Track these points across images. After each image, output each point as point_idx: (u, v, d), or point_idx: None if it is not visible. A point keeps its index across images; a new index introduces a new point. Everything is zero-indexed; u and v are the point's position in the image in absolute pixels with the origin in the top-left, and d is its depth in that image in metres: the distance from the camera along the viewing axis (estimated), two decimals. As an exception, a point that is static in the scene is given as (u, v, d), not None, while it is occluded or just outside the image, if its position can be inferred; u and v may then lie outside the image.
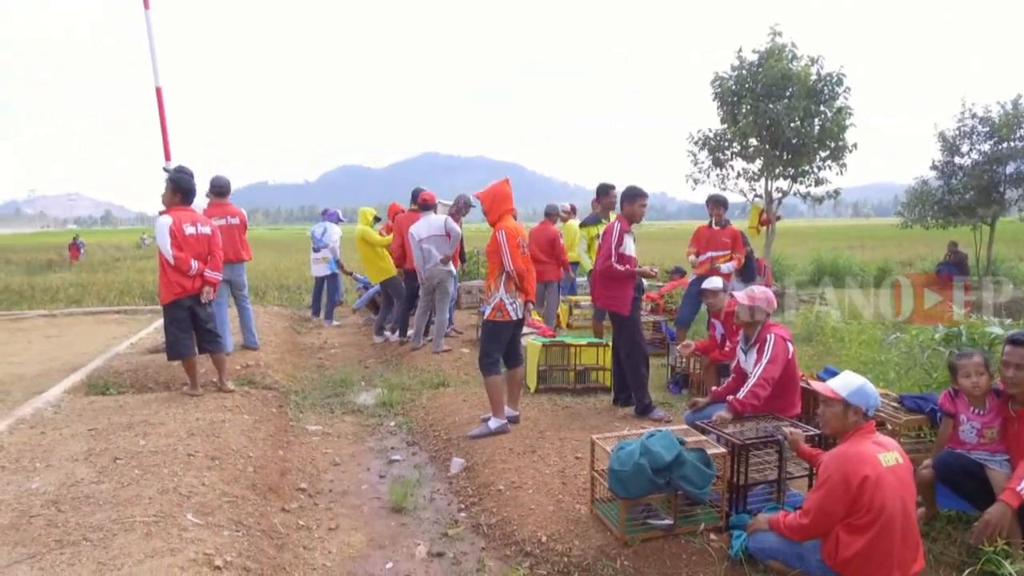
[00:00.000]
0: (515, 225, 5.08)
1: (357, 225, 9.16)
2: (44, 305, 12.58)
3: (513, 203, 5.20)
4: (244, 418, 5.22)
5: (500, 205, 5.07)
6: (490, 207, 5.08)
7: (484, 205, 5.13)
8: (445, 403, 6.01)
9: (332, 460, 4.96)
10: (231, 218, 7.03)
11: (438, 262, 7.75)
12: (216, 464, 4.15)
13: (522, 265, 4.99)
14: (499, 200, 5.07)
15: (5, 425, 4.83)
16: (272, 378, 6.69)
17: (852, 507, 2.70)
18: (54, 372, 6.76)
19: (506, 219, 5.04)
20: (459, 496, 4.31)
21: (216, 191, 7.13)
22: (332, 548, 3.62)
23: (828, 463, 2.81)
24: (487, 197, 5.10)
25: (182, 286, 5.53)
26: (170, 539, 3.11)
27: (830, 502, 2.74)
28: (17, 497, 3.56)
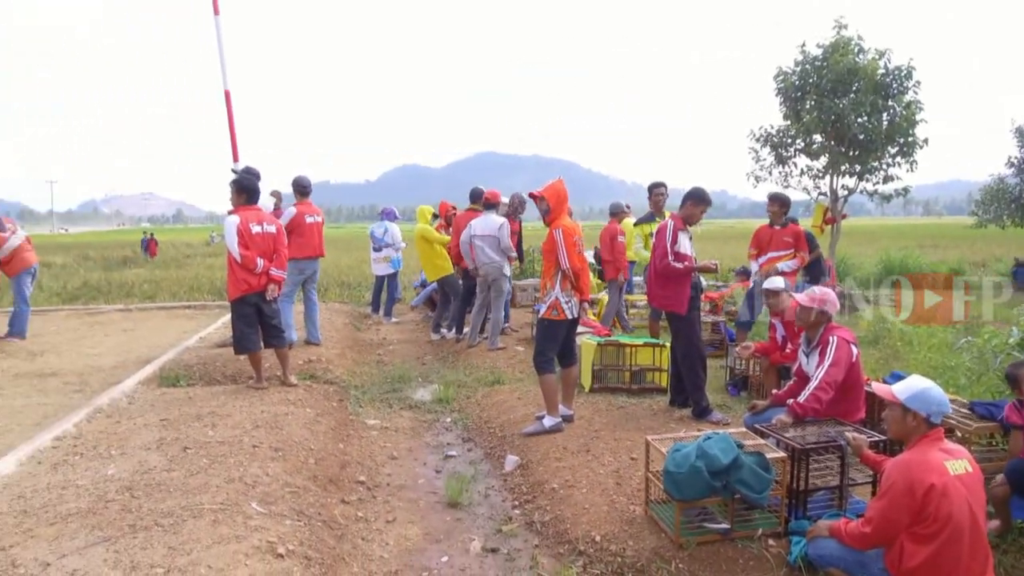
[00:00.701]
0: (571, 224, 5.07)
1: (416, 224, 9.32)
2: (120, 300, 13.20)
3: (567, 202, 5.20)
4: (306, 411, 5.38)
5: (557, 204, 5.08)
6: (549, 206, 5.11)
7: (544, 204, 5.15)
8: (500, 400, 6.05)
9: (390, 454, 5.07)
10: (317, 216, 7.50)
11: (493, 261, 7.82)
12: (279, 455, 4.29)
13: (578, 264, 4.98)
14: (555, 199, 5.09)
15: (84, 414, 5.10)
16: (333, 373, 6.87)
17: (917, 516, 2.61)
18: (129, 364, 7.09)
19: (562, 218, 5.05)
20: (513, 493, 4.34)
21: (300, 190, 7.50)
22: (389, 540, 3.70)
23: (891, 470, 2.72)
24: (551, 196, 5.11)
25: (248, 283, 5.74)
26: (236, 527, 3.24)
27: (893, 511, 2.65)
28: (94, 483, 3.76)
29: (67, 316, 10.86)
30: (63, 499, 3.54)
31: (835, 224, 12.34)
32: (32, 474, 3.94)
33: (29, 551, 2.96)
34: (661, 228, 5.32)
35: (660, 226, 5.37)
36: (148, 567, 2.81)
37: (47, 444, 4.43)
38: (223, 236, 5.90)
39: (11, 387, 6.21)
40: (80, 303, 12.80)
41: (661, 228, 5.32)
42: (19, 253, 8.50)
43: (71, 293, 14.46)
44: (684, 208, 5.35)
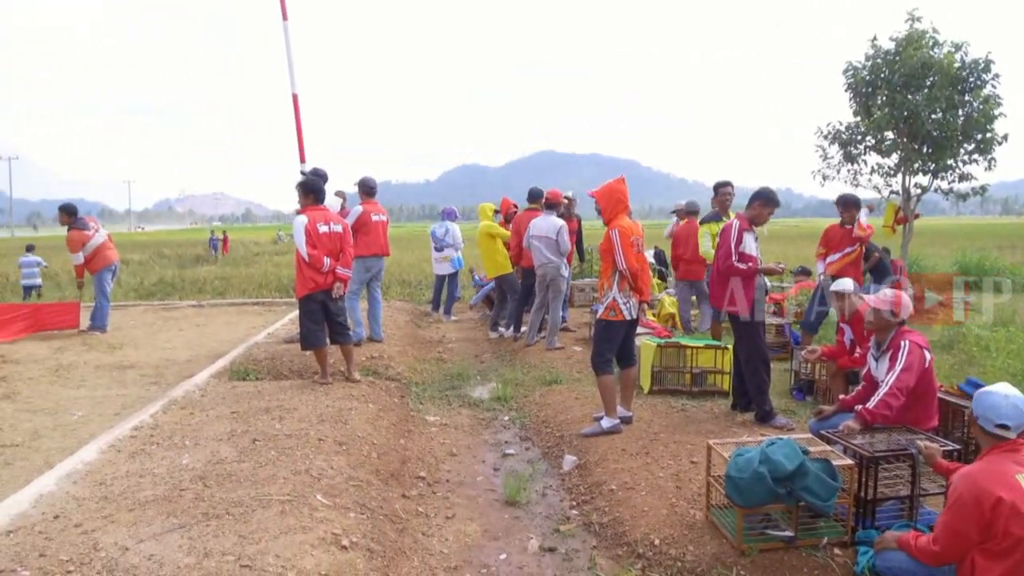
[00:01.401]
0: (630, 224, 5.03)
1: (479, 222, 9.41)
2: (193, 296, 13.75)
3: (628, 201, 5.16)
4: (369, 407, 5.50)
5: (615, 204, 5.05)
6: (604, 206, 5.08)
7: (599, 204, 5.13)
8: (558, 400, 6.06)
9: (449, 451, 5.14)
10: (382, 215, 7.73)
11: (551, 261, 7.84)
12: (343, 449, 4.41)
13: (636, 264, 4.94)
14: (613, 199, 5.06)
15: (160, 406, 5.34)
16: (395, 370, 7.01)
17: (986, 532, 2.47)
18: (201, 358, 7.39)
19: (620, 217, 5.01)
20: (571, 493, 4.35)
21: (366, 190, 7.71)
22: (449, 536, 3.76)
23: (958, 482, 2.59)
24: (601, 196, 5.10)
25: (316, 281, 5.91)
26: (302, 518, 3.34)
27: (959, 524, 2.53)
28: (170, 471, 3.94)
29: (144, 311, 11.39)
30: (141, 486, 3.71)
31: (907, 224, 11.87)
32: (112, 462, 4.15)
33: (109, 535, 3.12)
34: (726, 228, 5.23)
35: (725, 226, 5.28)
36: (220, 554, 2.93)
37: (126, 433, 4.66)
38: (291, 235, 6.10)
39: (93, 378, 6.56)
40: (156, 299, 13.40)
41: (726, 228, 5.23)
42: (101, 251, 8.96)
43: (148, 289, 15.15)
44: (751, 208, 5.24)
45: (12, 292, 14.88)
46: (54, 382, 6.37)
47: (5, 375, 6.58)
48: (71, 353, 7.65)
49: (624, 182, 5.21)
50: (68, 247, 8.94)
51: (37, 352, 7.66)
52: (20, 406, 5.55)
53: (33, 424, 5.07)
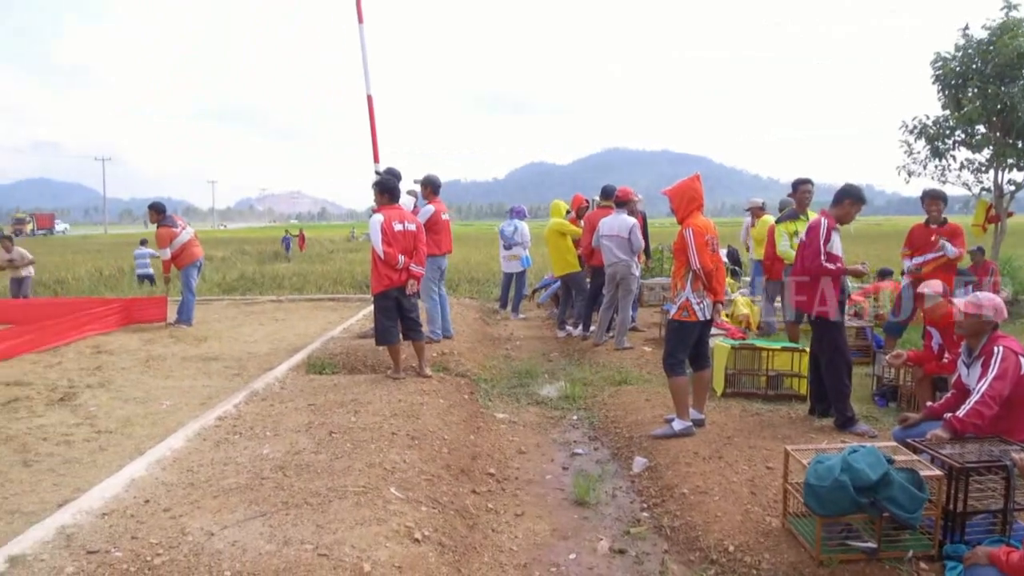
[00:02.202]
0: (704, 222, 4.93)
1: (550, 219, 9.41)
2: (272, 291, 14.27)
3: (703, 199, 5.06)
4: (440, 402, 5.59)
5: (689, 202, 4.97)
6: (678, 204, 5.00)
7: (672, 203, 5.05)
8: (627, 401, 6.00)
9: (518, 448, 5.16)
10: (446, 213, 7.84)
11: (621, 260, 7.77)
12: (415, 443, 4.49)
13: (710, 264, 4.84)
14: (687, 197, 4.97)
15: (242, 397, 5.57)
16: (464, 366, 7.09)
17: None
18: (280, 351, 7.65)
19: (695, 216, 4.92)
20: (641, 495, 4.30)
21: (435, 189, 7.83)
22: (518, 533, 3.78)
23: None
24: (675, 194, 5.02)
25: (390, 279, 6.05)
26: (376, 510, 3.42)
27: None
28: (252, 460, 4.10)
29: (227, 305, 11.90)
30: (224, 474, 3.88)
31: (999, 223, 11.21)
32: (198, 449, 4.35)
33: (196, 521, 3.27)
34: (814, 226, 5.02)
35: (813, 223, 5.08)
36: (299, 543, 3.03)
37: (211, 423, 4.88)
38: (367, 234, 6.26)
39: (180, 369, 6.89)
40: (238, 294, 13.96)
41: (814, 226, 5.02)
42: (187, 248, 9.40)
43: (230, 284, 15.80)
44: (840, 206, 5.03)
45: (105, 285, 15.78)
46: (144, 372, 6.73)
47: (100, 365, 6.99)
48: (160, 345, 8.05)
49: (699, 179, 5.12)
50: (157, 243, 9.43)
51: (129, 344, 8.10)
52: (114, 394, 5.88)
53: (125, 412, 5.36)
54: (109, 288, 15.01)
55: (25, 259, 11.99)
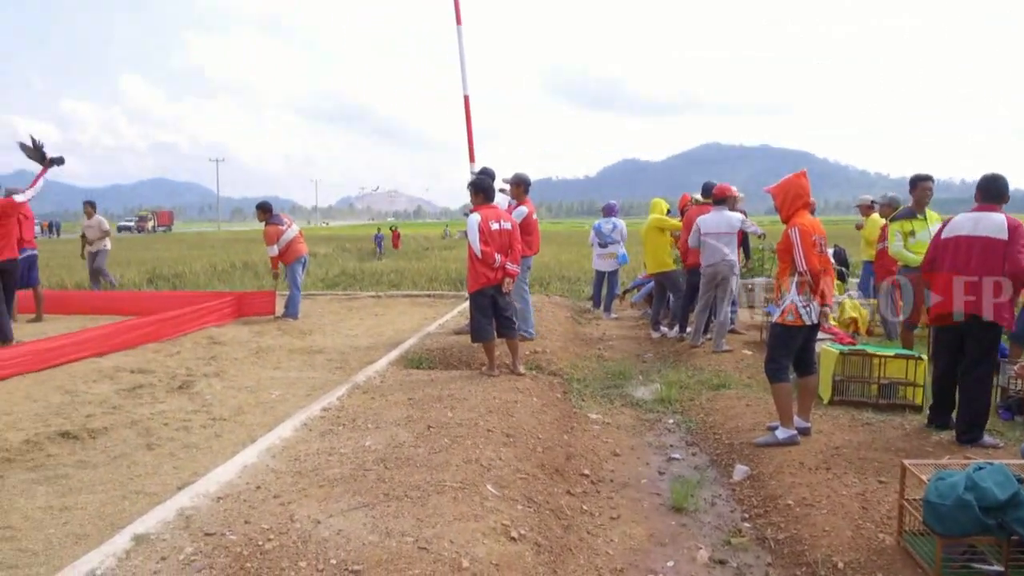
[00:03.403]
0: (811, 221, 4.70)
1: (650, 215, 9.26)
2: (371, 287, 14.72)
3: (810, 197, 4.83)
4: (533, 400, 5.60)
5: (794, 199, 4.75)
6: (782, 202, 4.80)
7: (776, 200, 4.85)
8: (726, 406, 5.82)
9: (612, 450, 5.10)
10: (535, 213, 7.80)
11: (726, 259, 7.55)
12: (511, 441, 4.51)
13: (818, 266, 4.61)
14: (792, 194, 4.75)
15: (345, 389, 5.76)
16: (556, 365, 7.08)
17: None
18: (380, 346, 7.89)
19: (801, 215, 4.70)
20: (743, 504, 4.16)
21: (526, 188, 7.87)
22: (614, 537, 3.73)
23: None
24: (779, 191, 4.81)
25: (487, 277, 6.13)
26: (474, 506, 3.46)
27: None
28: (355, 452, 4.23)
29: (329, 300, 12.38)
30: (329, 464, 4.02)
31: None
32: (305, 439, 4.53)
33: (303, 508, 3.40)
34: (1019, 227, 4.43)
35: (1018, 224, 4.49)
36: (400, 535, 3.10)
37: (316, 414, 5.08)
38: (463, 232, 6.36)
39: (287, 361, 7.21)
40: (339, 289, 14.49)
41: (1019, 227, 4.43)
42: (293, 245, 9.84)
43: (332, 280, 16.42)
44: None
45: (219, 279, 16.73)
46: (255, 363, 7.09)
47: (215, 355, 7.42)
48: (268, 337, 8.47)
49: (804, 176, 4.89)
50: (264, 240, 9.92)
51: (240, 335, 8.56)
52: (227, 383, 6.23)
53: (238, 400, 5.67)
54: (222, 282, 15.92)
55: (102, 228, 11.85)
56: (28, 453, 4.37)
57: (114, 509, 3.57)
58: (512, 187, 7.76)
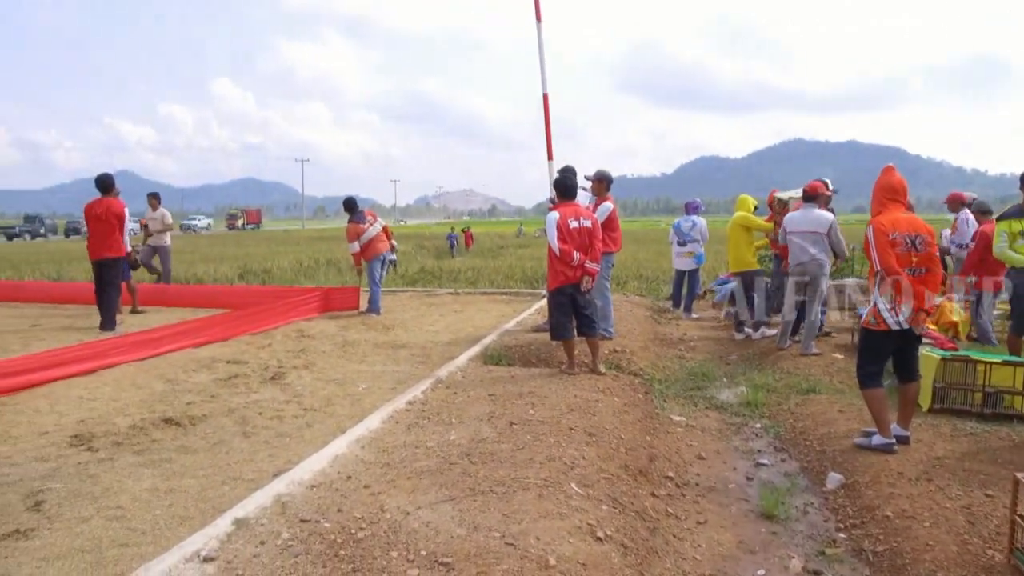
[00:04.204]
0: (892, 218, 4.42)
1: (735, 213, 9.03)
2: (449, 284, 14.94)
3: (901, 193, 4.59)
4: (614, 400, 5.55)
5: (881, 196, 4.56)
6: (872, 199, 4.64)
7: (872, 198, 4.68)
8: (817, 411, 5.62)
9: (697, 453, 5.00)
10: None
11: (814, 258, 7.28)
12: (593, 440, 4.49)
13: (895, 265, 4.34)
14: (876, 188, 4.59)
15: (428, 384, 5.86)
16: (637, 365, 6.99)
17: None
18: (460, 342, 7.99)
19: (887, 211, 4.48)
20: (837, 514, 4.00)
21: (608, 185, 7.81)
22: (701, 542, 3.66)
23: None
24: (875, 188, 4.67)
25: (565, 275, 6.11)
26: (559, 504, 3.45)
27: None
28: (440, 445, 4.30)
29: (410, 297, 12.63)
30: (416, 457, 4.10)
31: None
32: (392, 431, 4.63)
33: (393, 499, 3.48)
34: None
35: None
36: (487, 529, 3.13)
37: (402, 407, 5.19)
38: (541, 230, 6.38)
39: (372, 355, 7.40)
40: (419, 286, 14.77)
41: None
42: (373, 243, 10.08)
43: (411, 277, 16.76)
44: None
45: (304, 275, 17.33)
46: (341, 356, 7.31)
47: (304, 348, 7.68)
48: (354, 332, 8.71)
49: (892, 171, 4.66)
50: (346, 237, 10.21)
51: (327, 329, 8.84)
52: (316, 375, 6.44)
53: (327, 392, 5.85)
54: (307, 278, 16.50)
55: (164, 222, 11.68)
56: (135, 437, 4.63)
57: (215, 493, 3.74)
58: (594, 184, 7.70)
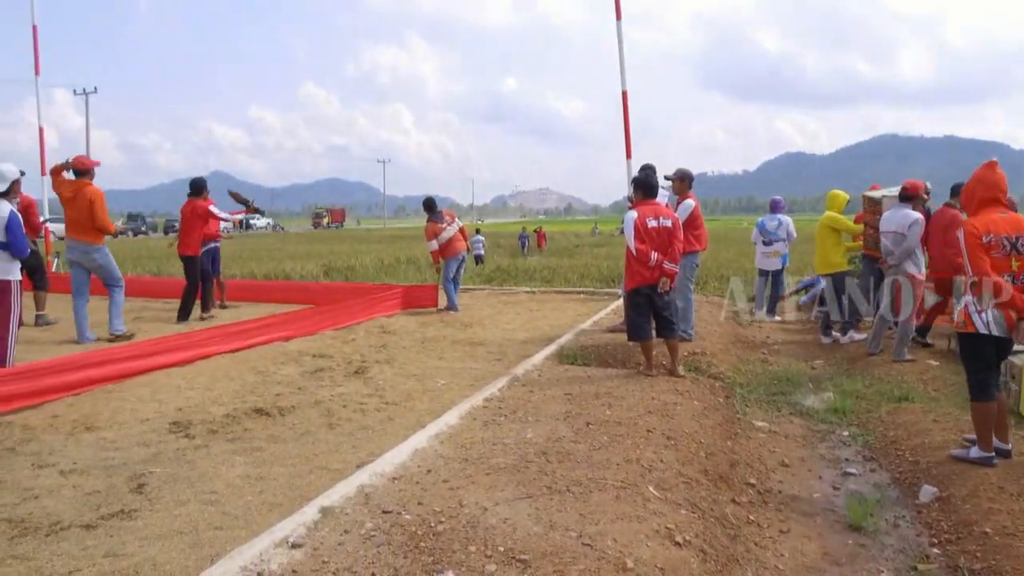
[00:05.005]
0: (985, 219, 4.12)
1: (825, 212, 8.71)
2: (524, 283, 15.01)
3: (998, 191, 4.31)
4: (694, 403, 5.45)
5: (975, 194, 4.31)
6: (966, 198, 4.41)
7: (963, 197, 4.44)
8: (910, 420, 5.36)
9: (780, 460, 4.86)
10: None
11: (899, 262, 6.96)
12: (671, 443, 4.43)
13: (986, 269, 4.05)
14: (973, 188, 4.34)
15: (505, 381, 5.91)
16: (717, 368, 6.84)
17: None
18: (536, 340, 8.01)
19: (982, 212, 4.22)
20: (930, 529, 3.81)
21: (690, 183, 7.69)
22: (784, 552, 3.56)
23: None
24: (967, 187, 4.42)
25: (642, 275, 6.05)
26: (636, 506, 3.43)
27: None
28: (517, 443, 4.33)
29: (487, 295, 12.77)
30: (493, 453, 4.15)
31: None
32: (469, 428, 4.70)
33: (471, 495, 3.53)
34: None
35: None
36: (563, 529, 3.14)
37: (479, 403, 5.25)
38: (620, 229, 6.32)
39: (450, 351, 7.53)
40: (495, 284, 14.91)
41: None
42: (450, 243, 10.25)
43: (487, 275, 16.94)
44: None
45: (385, 273, 17.77)
46: (420, 352, 7.46)
47: (385, 343, 7.89)
48: (432, 328, 8.88)
49: (994, 168, 4.36)
50: (425, 236, 10.43)
51: (407, 326, 9.05)
52: (397, 371, 6.60)
53: (407, 387, 5.99)
54: (388, 275, 16.91)
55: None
56: (228, 426, 4.87)
57: (302, 482, 3.89)
58: (675, 182, 7.57)
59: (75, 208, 7.74)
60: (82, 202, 7.71)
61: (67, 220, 7.87)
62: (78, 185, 7.79)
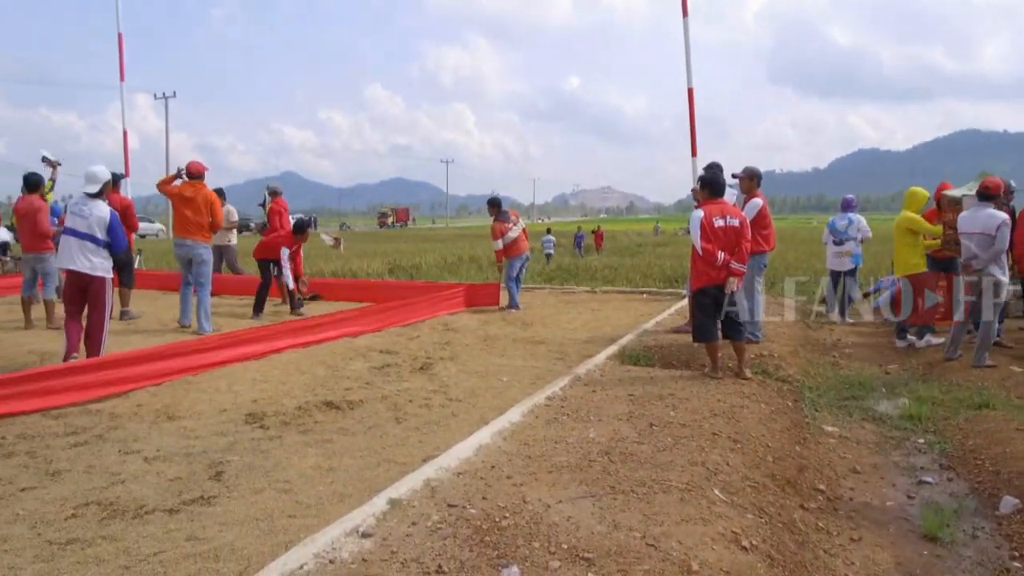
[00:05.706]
0: None
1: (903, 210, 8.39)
2: (586, 282, 14.97)
3: None
4: (761, 407, 5.35)
5: None
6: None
7: None
8: (991, 428, 5.12)
9: (851, 467, 4.73)
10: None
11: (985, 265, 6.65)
12: (738, 447, 4.36)
13: None
14: None
15: (567, 380, 5.93)
16: (785, 371, 6.68)
17: None
18: (597, 340, 8.00)
19: None
20: (1011, 541, 3.65)
21: (759, 182, 7.55)
22: (855, 560, 3.46)
23: None
24: None
25: (708, 276, 5.97)
26: (701, 509, 3.40)
27: None
28: (579, 442, 4.34)
29: (548, 294, 12.80)
30: (556, 452, 4.17)
31: None
32: (531, 425, 4.74)
33: (534, 491, 3.56)
34: None
35: None
36: (627, 529, 3.14)
37: (541, 402, 5.28)
38: (685, 228, 6.27)
39: (512, 350, 7.59)
40: (556, 283, 14.92)
41: None
42: (515, 243, 10.33)
43: (548, 274, 16.96)
44: None
45: (448, 271, 18.00)
46: (483, 349, 7.55)
47: (448, 340, 8.01)
48: (494, 326, 8.97)
49: None
50: (491, 235, 10.52)
51: (470, 323, 9.17)
52: (460, 367, 6.70)
53: (470, 384, 6.07)
54: (451, 274, 17.13)
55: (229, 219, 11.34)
56: (300, 418, 5.04)
57: (370, 474, 4.01)
58: (742, 180, 7.43)
59: (193, 208, 8.35)
60: (202, 202, 8.35)
61: (179, 219, 8.46)
62: (197, 187, 8.38)
